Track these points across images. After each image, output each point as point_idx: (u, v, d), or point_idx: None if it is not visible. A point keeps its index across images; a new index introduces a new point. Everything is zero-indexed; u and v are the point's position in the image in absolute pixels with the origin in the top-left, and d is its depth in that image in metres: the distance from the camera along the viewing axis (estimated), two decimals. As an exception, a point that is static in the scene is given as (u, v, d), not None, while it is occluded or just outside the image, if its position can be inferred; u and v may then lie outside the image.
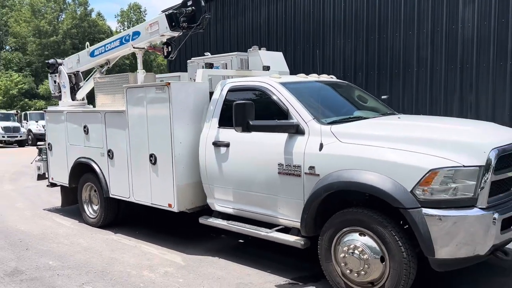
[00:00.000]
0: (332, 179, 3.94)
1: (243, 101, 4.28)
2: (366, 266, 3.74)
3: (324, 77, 5.47)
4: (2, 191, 9.79)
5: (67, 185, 6.97)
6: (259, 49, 6.81)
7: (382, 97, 5.98)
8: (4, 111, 28.90)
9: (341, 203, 4.10)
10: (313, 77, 5.30)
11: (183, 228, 6.21)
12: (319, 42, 11.62)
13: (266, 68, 6.36)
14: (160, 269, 4.80)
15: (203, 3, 5.33)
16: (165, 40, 5.73)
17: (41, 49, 49.77)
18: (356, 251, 3.78)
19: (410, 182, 3.53)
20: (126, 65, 47.40)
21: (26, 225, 6.80)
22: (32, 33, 50.17)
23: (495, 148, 3.61)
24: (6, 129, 23.34)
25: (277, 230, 4.63)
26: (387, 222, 3.64)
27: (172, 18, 5.36)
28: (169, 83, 5.11)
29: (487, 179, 3.52)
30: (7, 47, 53.83)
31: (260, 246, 5.29)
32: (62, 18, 53.01)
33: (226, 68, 6.64)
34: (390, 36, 10.42)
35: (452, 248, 3.48)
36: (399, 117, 4.71)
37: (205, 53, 7.56)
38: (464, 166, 3.49)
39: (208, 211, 5.31)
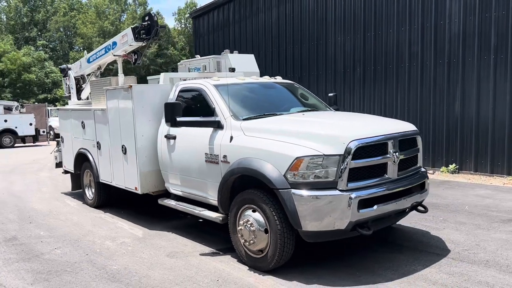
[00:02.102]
0: (235, 166, 4.77)
1: (172, 102, 5.21)
2: (253, 236, 4.54)
3: (265, 79, 6.25)
4: (38, 177, 11.45)
5: (73, 172, 8.29)
6: (232, 53, 7.68)
7: (329, 94, 6.58)
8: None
9: (247, 184, 4.89)
10: (253, 79, 6.10)
11: (158, 209, 7.24)
12: (322, 39, 12.19)
13: (232, 70, 7.20)
14: (120, 240, 5.86)
15: (155, 19, 6.31)
16: (134, 49, 6.77)
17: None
18: (248, 224, 4.59)
19: (283, 167, 4.28)
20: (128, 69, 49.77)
21: (40, 204, 8.19)
22: (97, 34, 53.94)
23: (354, 140, 4.24)
24: None
25: (210, 209, 5.52)
26: (268, 200, 4.41)
27: (135, 31, 6.38)
28: (131, 86, 6.14)
29: (346, 166, 4.18)
30: (76, 47, 58.30)
31: (213, 225, 6.15)
32: (123, 19, 56.48)
33: (205, 69, 7.57)
34: (384, 33, 10.78)
35: (315, 222, 4.19)
36: (303, 114, 5.38)
37: (196, 56, 8.52)
38: (325, 155, 4.18)
39: (169, 194, 6.30)
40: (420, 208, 5.00)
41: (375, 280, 4.25)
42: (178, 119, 5.18)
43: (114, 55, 6.93)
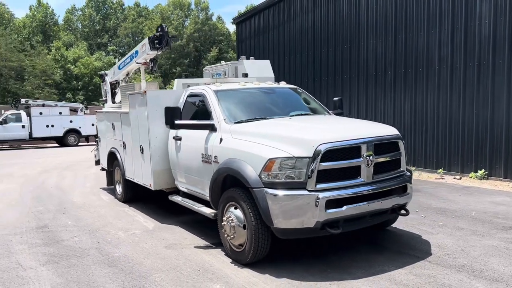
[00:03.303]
0: (221, 166, 5.17)
1: (172, 106, 5.70)
2: (233, 231, 4.90)
3: (268, 84, 6.58)
4: (86, 173, 12.53)
5: (107, 169, 9.09)
6: (248, 59, 8.10)
7: (334, 99, 6.77)
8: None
9: (235, 183, 5.24)
10: (254, 84, 6.46)
11: (173, 205, 7.77)
12: (355, 43, 12.23)
13: (245, 75, 7.60)
14: (132, 231, 6.46)
15: (166, 30, 6.86)
16: (152, 57, 7.37)
17: (168, 52, 55.89)
18: (229, 220, 4.96)
19: (258, 168, 4.61)
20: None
21: (79, 198, 9.07)
22: (161, 39, 56.52)
23: (324, 143, 4.47)
24: None
25: (207, 206, 5.94)
26: (246, 198, 4.75)
27: (150, 41, 6.98)
28: (145, 91, 6.73)
29: (314, 167, 4.43)
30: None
31: (216, 221, 6.59)
32: (186, 23, 58.76)
33: (225, 75, 8.06)
34: (415, 35, 10.65)
35: (285, 220, 4.47)
36: (290, 118, 5.63)
37: (220, 62, 9.04)
38: (295, 156, 4.46)
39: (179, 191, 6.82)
40: (402, 211, 5.10)
41: (342, 277, 4.45)
42: (176, 122, 5.67)
43: (136, 63, 7.60)
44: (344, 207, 4.50)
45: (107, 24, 60.68)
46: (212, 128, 5.60)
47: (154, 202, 8.16)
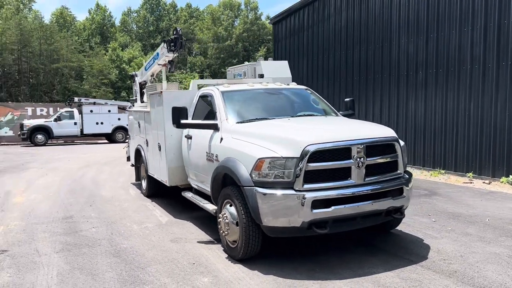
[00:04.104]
0: (220, 164, 5.36)
1: (179, 106, 5.95)
2: (227, 228, 5.08)
3: (276, 85, 6.69)
4: (122, 169, 13.16)
5: (135, 165, 9.55)
6: (267, 59, 8.25)
7: (345, 99, 6.76)
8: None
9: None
10: (262, 85, 6.59)
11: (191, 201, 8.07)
12: (387, 42, 12.00)
13: (260, 76, 7.76)
14: (145, 224, 6.79)
15: (180, 33, 7.13)
16: (170, 59, 7.69)
17: (218, 52, 56.96)
18: (225, 217, 5.14)
19: (249, 167, 4.75)
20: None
21: (108, 192, 9.60)
22: (212, 39, 57.68)
23: (312, 144, 4.54)
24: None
25: (212, 202, 6.13)
26: (238, 196, 4.91)
27: (166, 43, 7.29)
28: (161, 92, 7.05)
29: (302, 167, 4.51)
30: (193, 53, 63.03)
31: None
32: (236, 23, 59.54)
33: (245, 75, 8.28)
34: (446, 34, 10.31)
35: (273, 219, 4.59)
36: (289, 119, 5.69)
37: (245, 62, 9.27)
38: (283, 157, 4.56)
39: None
40: (398, 214, 5.05)
41: (327, 277, 4.50)
42: (182, 121, 5.91)
43: (158, 64, 7.96)
44: (332, 208, 4.55)
45: (160, 25, 62.68)
46: (215, 127, 5.80)
47: (173, 197, 8.48)
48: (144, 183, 9.14)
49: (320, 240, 5.64)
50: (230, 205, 5.11)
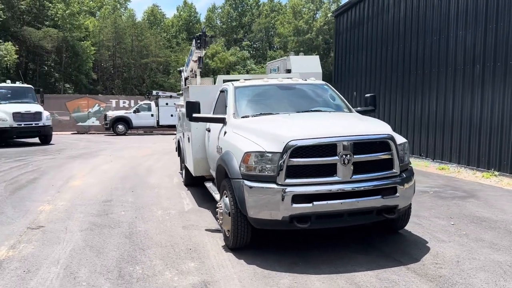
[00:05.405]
0: (220, 156, 5.60)
1: (192, 100, 6.27)
2: (222, 217, 5.30)
3: (293, 80, 6.73)
4: (175, 160, 13.89)
5: (178, 155, 10.12)
6: (297, 54, 8.30)
7: (366, 95, 6.61)
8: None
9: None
10: (278, 80, 6.67)
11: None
12: (444, 34, 11.31)
13: (287, 71, 7.86)
14: (169, 211, 7.24)
15: (204, 31, 7.42)
16: (200, 55, 8.04)
17: (298, 46, 56.86)
18: (220, 206, 5.37)
19: (239, 160, 4.94)
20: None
21: (155, 179, 10.27)
22: (292, 33, 57.71)
23: (294, 140, 4.59)
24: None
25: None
26: (231, 187, 5.11)
27: (195, 41, 7.66)
28: (188, 87, 7.43)
29: (283, 162, 4.59)
30: (274, 47, 63.59)
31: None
32: (317, 16, 58.91)
33: (278, 70, 8.44)
34: (506, 24, 9.49)
35: (256, 211, 4.74)
36: (289, 115, 5.70)
37: (280, 57, 9.43)
38: (267, 151, 4.68)
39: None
40: (390, 214, 4.91)
41: (306, 271, 4.54)
42: (194, 115, 6.22)
43: (192, 61, 8.39)
44: (313, 203, 4.57)
45: (243, 20, 64.07)
46: (224, 121, 6.04)
47: (206, 187, 8.89)
48: (183, 173, 9.66)
49: (320, 236, 5.66)
50: (226, 196, 5.33)
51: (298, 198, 4.57)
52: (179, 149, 9.92)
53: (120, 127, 25.46)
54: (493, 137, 9.83)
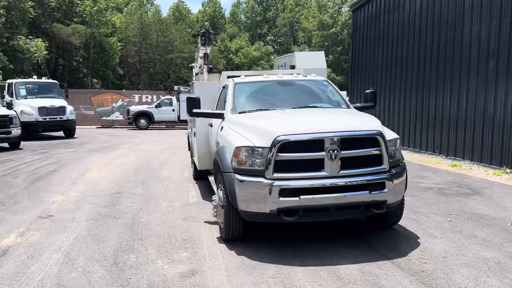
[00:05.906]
0: (216, 151, 5.76)
1: (192, 96, 6.45)
2: (215, 210, 5.48)
3: (294, 76, 6.82)
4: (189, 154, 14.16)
5: (189, 150, 10.36)
6: (303, 50, 8.40)
7: (366, 91, 6.64)
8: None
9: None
10: (278, 76, 6.77)
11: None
12: (459, 28, 11.11)
13: (292, 67, 7.95)
14: (173, 203, 7.46)
15: (208, 28, 7.59)
16: (205, 52, 8.21)
17: (322, 40, 56.48)
18: (214, 199, 5.54)
19: (231, 155, 5.09)
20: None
21: (166, 173, 10.55)
22: (317, 27, 57.33)
23: (282, 135, 4.71)
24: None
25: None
26: (223, 181, 5.27)
27: (200, 38, 7.84)
28: (193, 82, 7.63)
29: (271, 157, 4.71)
30: (298, 41, 63.35)
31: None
32: (342, 11, 58.28)
33: (285, 66, 8.55)
34: (521, 19, 9.29)
35: (247, 204, 4.89)
36: (283, 111, 5.79)
37: (290, 53, 9.53)
38: (256, 146, 4.82)
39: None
40: (377, 209, 4.97)
41: (292, 262, 4.67)
42: (193, 110, 6.40)
43: (199, 57, 8.58)
44: (300, 197, 4.69)
45: (267, 15, 64.05)
46: (222, 117, 6.20)
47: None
48: (193, 166, 9.89)
49: (313, 230, 5.76)
50: (220, 190, 5.50)
51: (285, 192, 4.69)
52: (188, 144, 10.15)
53: (142, 121, 26.01)
54: (506, 134, 9.65)
